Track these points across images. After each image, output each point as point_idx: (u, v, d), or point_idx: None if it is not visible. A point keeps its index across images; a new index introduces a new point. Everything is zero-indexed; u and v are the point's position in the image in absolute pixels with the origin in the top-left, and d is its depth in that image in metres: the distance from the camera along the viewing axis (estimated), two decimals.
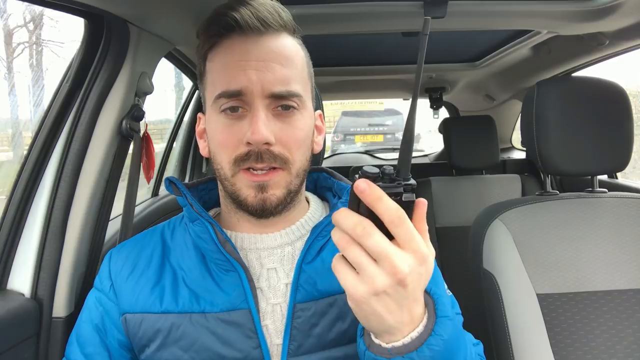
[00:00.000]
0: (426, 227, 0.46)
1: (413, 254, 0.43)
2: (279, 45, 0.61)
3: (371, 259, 0.43)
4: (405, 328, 0.45)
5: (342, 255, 0.45)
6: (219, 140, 0.61)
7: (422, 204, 0.46)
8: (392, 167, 0.45)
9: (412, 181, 0.45)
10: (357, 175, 0.44)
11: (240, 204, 0.62)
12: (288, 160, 0.61)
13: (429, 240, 0.46)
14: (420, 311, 0.47)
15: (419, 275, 0.44)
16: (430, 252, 0.45)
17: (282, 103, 0.60)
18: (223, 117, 0.61)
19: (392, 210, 0.42)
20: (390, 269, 0.42)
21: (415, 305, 0.45)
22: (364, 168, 0.44)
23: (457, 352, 0.48)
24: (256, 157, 0.59)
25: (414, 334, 0.45)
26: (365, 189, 0.42)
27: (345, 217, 0.44)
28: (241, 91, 0.59)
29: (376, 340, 0.47)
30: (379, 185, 0.43)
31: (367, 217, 0.43)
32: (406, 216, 0.43)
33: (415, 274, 0.43)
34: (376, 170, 0.44)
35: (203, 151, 0.68)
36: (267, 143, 0.58)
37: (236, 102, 0.60)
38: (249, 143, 0.58)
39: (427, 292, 0.50)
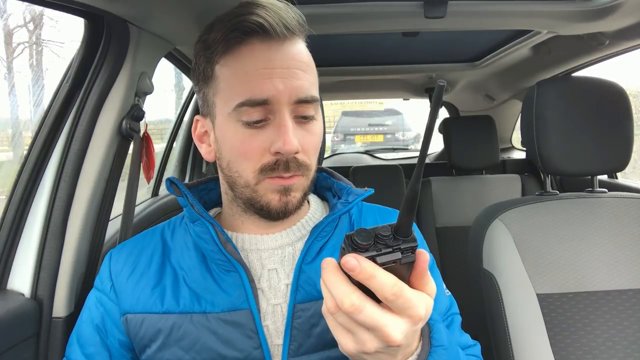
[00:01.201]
0: (428, 277, 0.43)
1: (408, 319, 0.41)
2: (298, 51, 0.61)
3: (363, 328, 0.41)
4: None
5: None
6: (241, 150, 0.59)
7: (422, 258, 0.41)
8: (389, 228, 0.40)
9: (413, 239, 0.40)
10: (346, 241, 0.40)
11: (261, 208, 0.61)
12: (309, 167, 0.62)
13: (431, 279, 0.43)
14: (415, 345, 0.46)
15: (413, 333, 0.42)
16: (430, 291, 0.43)
17: (305, 107, 0.60)
18: (242, 126, 0.59)
19: (387, 288, 0.39)
20: (383, 337, 0.40)
21: (409, 349, 0.44)
22: (354, 236, 0.39)
23: None
24: (285, 166, 0.58)
25: None
26: (355, 267, 0.38)
27: (332, 282, 0.41)
28: (268, 100, 0.57)
29: None
30: (372, 256, 0.39)
31: (357, 285, 0.40)
32: (403, 289, 0.39)
33: (410, 334, 0.42)
34: (369, 238, 0.39)
35: (207, 156, 0.66)
36: (295, 152, 0.58)
37: (261, 113, 0.58)
38: (277, 152, 0.58)
39: None
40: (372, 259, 0.39)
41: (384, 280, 0.39)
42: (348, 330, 0.42)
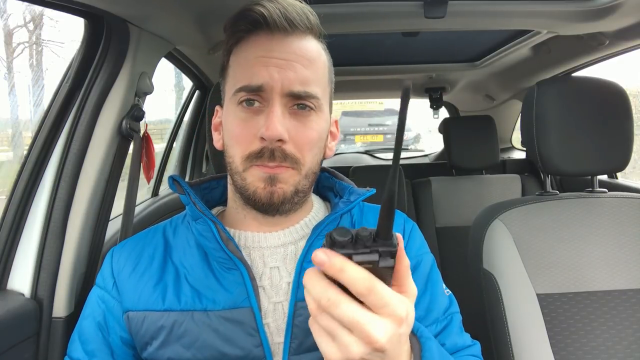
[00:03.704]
0: (409, 281, 0.43)
1: (389, 318, 0.40)
2: (303, 46, 0.62)
3: (345, 328, 0.39)
4: None
5: None
6: (234, 133, 0.62)
7: (404, 263, 0.42)
8: (369, 230, 0.39)
9: (393, 245, 0.39)
10: (326, 238, 0.40)
11: (249, 198, 0.62)
12: (298, 161, 0.61)
13: (411, 281, 0.43)
14: None
15: (398, 337, 0.41)
16: (409, 293, 0.43)
17: (299, 102, 0.61)
18: (240, 110, 0.61)
19: (358, 282, 0.38)
20: (365, 338, 0.39)
21: None
22: (333, 232, 0.39)
23: None
24: (269, 154, 0.59)
25: None
26: (324, 261, 0.38)
27: (311, 282, 0.40)
28: (262, 87, 0.59)
29: None
30: (348, 253, 0.39)
31: (335, 282, 0.40)
32: (376, 284, 0.39)
33: (394, 337, 0.40)
34: (348, 235, 0.39)
35: (217, 144, 0.69)
36: (280, 140, 0.59)
37: (254, 97, 0.60)
38: (262, 139, 0.59)
39: (414, 333, 0.49)
40: (349, 257, 0.39)
41: (354, 274, 0.38)
42: (331, 336, 0.40)
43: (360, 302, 0.40)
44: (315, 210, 0.71)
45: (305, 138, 0.61)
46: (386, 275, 0.41)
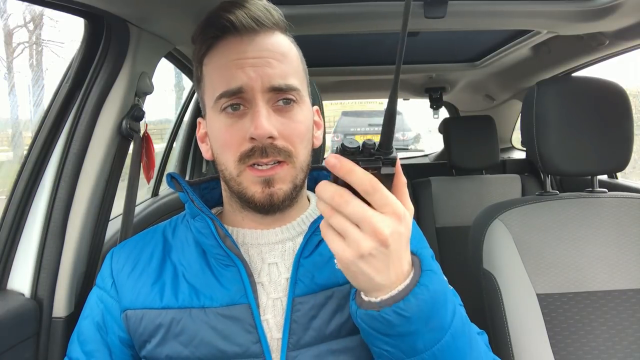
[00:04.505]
0: (404, 190, 0.48)
1: (391, 215, 0.45)
2: (273, 42, 0.63)
3: (354, 225, 0.45)
4: (394, 285, 0.47)
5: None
6: (223, 139, 0.62)
7: (401, 179, 0.47)
8: (374, 142, 0.46)
9: (394, 154, 0.46)
10: (337, 147, 0.46)
11: (248, 202, 0.63)
12: (292, 154, 0.62)
13: (408, 199, 0.48)
14: (407, 268, 0.49)
15: (399, 234, 0.46)
16: (407, 209, 0.47)
17: (281, 97, 0.61)
18: (224, 116, 0.62)
19: (365, 181, 0.43)
20: (371, 232, 0.44)
21: (400, 264, 0.47)
22: (343, 142, 0.45)
23: (444, 303, 0.50)
24: (261, 152, 0.59)
25: (401, 286, 0.48)
26: (335, 164, 0.44)
27: (324, 188, 0.46)
28: (242, 88, 0.60)
29: (366, 298, 0.49)
30: (357, 159, 0.45)
31: (344, 187, 0.45)
32: (379, 184, 0.44)
33: (396, 233, 0.45)
34: (356, 144, 0.45)
35: (206, 154, 0.69)
36: (270, 137, 0.59)
37: (237, 100, 0.61)
38: (252, 139, 0.59)
39: (412, 252, 0.52)
40: (357, 162, 0.45)
41: (361, 175, 0.43)
42: (342, 235, 0.45)
43: (366, 203, 0.45)
44: (313, 207, 0.72)
45: (294, 132, 0.62)
46: (387, 183, 0.46)
